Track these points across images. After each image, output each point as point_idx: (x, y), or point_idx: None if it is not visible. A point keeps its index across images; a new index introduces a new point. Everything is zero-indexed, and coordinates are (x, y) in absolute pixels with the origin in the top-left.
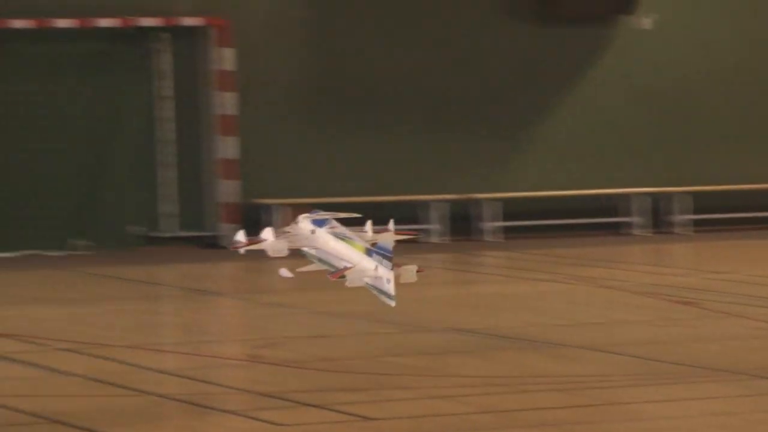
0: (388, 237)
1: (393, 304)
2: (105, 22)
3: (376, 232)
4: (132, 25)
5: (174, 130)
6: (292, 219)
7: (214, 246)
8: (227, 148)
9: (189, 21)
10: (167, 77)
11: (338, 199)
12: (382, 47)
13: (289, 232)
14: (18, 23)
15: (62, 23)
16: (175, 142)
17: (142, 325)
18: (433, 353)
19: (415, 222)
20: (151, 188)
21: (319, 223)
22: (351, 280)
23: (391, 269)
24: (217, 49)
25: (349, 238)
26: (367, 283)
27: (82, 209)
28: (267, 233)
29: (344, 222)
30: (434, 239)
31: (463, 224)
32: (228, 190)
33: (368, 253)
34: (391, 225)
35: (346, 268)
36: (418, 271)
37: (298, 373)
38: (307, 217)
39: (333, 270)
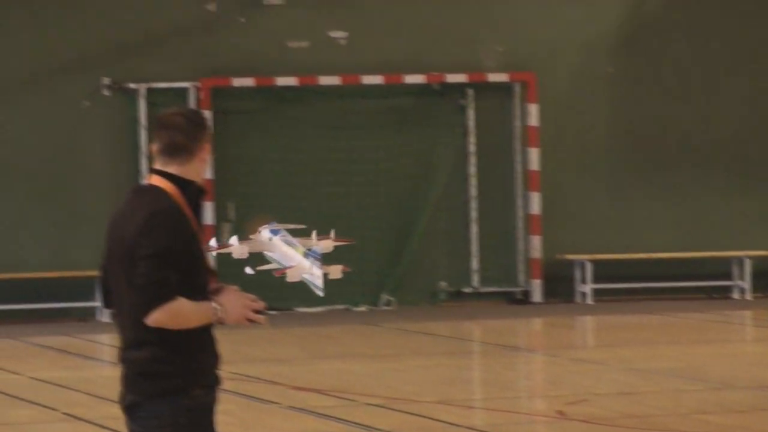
0: (326, 244)
1: (322, 294)
2: (413, 79)
3: (319, 239)
4: (439, 81)
5: (477, 186)
6: (255, 230)
7: (521, 301)
8: (531, 204)
9: (495, 77)
10: (472, 133)
11: (641, 255)
12: (689, 103)
13: (252, 239)
14: (325, 80)
15: (370, 80)
16: (478, 198)
17: (450, 381)
18: (742, 411)
19: (721, 278)
20: (458, 244)
21: (275, 232)
22: (291, 276)
23: (320, 268)
24: (522, 104)
25: (294, 245)
26: (303, 278)
27: (391, 265)
28: (234, 240)
29: (296, 232)
30: (737, 295)
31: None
32: (532, 246)
33: (306, 255)
34: (332, 234)
35: (288, 267)
36: (343, 270)
37: (608, 431)
38: (266, 227)
39: (281, 268)
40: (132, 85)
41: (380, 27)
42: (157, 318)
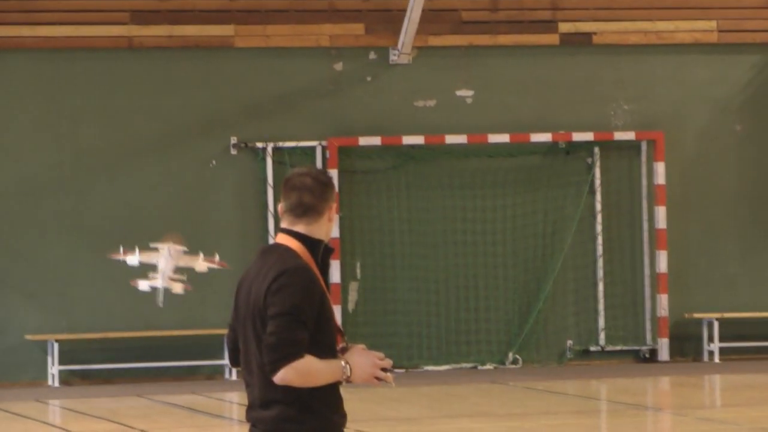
0: (195, 262)
1: (160, 305)
2: (539, 137)
3: (205, 260)
4: (566, 140)
5: (604, 245)
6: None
7: (648, 360)
8: (659, 262)
9: (622, 135)
10: (599, 191)
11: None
12: None
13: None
14: (451, 139)
15: (496, 138)
16: (605, 257)
17: None
18: None
19: None
20: (586, 302)
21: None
22: (141, 285)
23: (166, 281)
24: (650, 163)
25: (171, 259)
26: (150, 286)
27: (519, 323)
28: (134, 254)
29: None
30: None
31: None
32: (660, 305)
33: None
34: (216, 257)
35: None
36: (184, 288)
37: None
38: (163, 245)
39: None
40: (259, 145)
41: (506, 85)
42: (285, 376)
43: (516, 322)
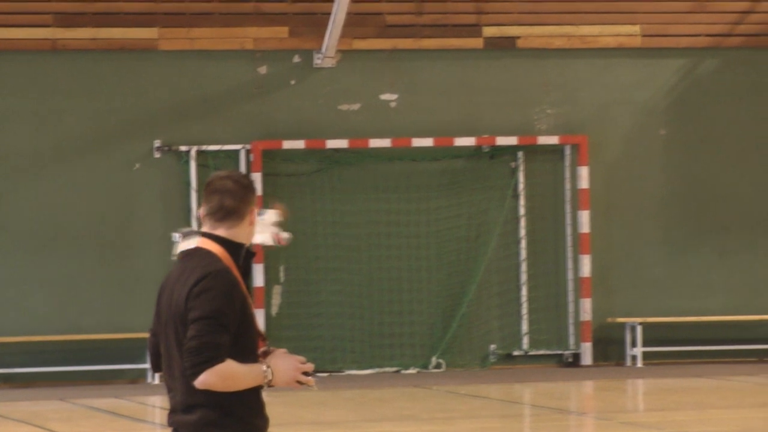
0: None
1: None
2: (463, 141)
3: None
4: (490, 144)
5: (527, 249)
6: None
7: (572, 364)
8: (582, 266)
9: (547, 139)
10: (522, 195)
11: (692, 318)
12: (742, 166)
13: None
14: (375, 142)
15: (420, 142)
16: (528, 261)
17: None
18: None
19: None
20: (509, 306)
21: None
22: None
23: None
24: (573, 167)
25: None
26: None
27: (442, 327)
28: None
29: None
30: None
31: None
32: (583, 309)
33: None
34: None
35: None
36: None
37: None
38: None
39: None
40: (183, 148)
41: (431, 89)
42: (206, 380)
43: (440, 326)
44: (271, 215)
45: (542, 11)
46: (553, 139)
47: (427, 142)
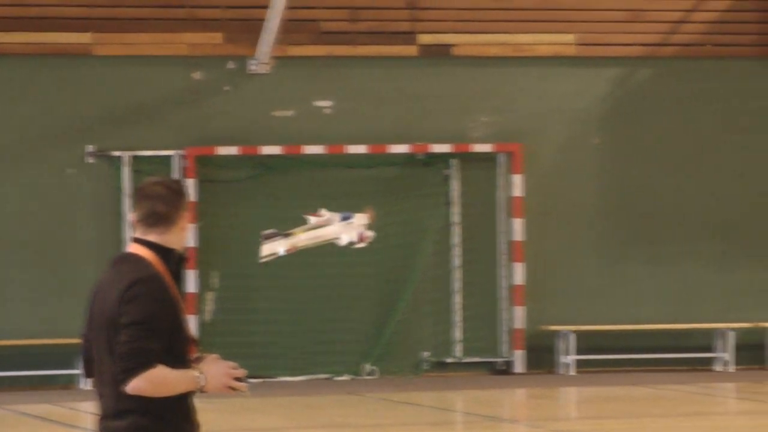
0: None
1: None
2: (397, 149)
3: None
4: (424, 151)
5: (461, 256)
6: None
7: (504, 372)
8: (515, 274)
9: (482, 147)
10: (459, 203)
11: (624, 327)
12: (677, 175)
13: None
14: (310, 149)
15: (355, 149)
16: (464, 268)
17: None
18: None
19: (702, 350)
20: (440, 314)
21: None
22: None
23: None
24: (508, 175)
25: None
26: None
27: (375, 334)
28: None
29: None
30: (721, 368)
31: (753, 353)
32: (516, 316)
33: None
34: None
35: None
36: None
37: None
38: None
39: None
40: (116, 153)
41: (365, 96)
42: (137, 386)
43: (373, 333)
44: (361, 218)
45: (477, 19)
46: (487, 147)
47: (362, 149)
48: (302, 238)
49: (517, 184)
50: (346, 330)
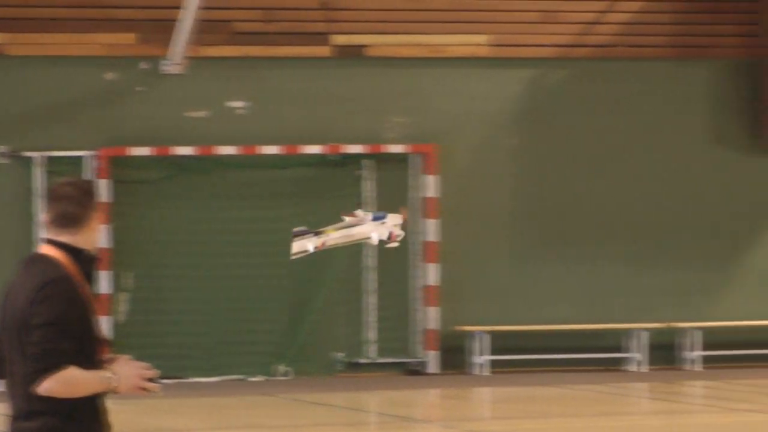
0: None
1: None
2: (311, 149)
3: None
4: (337, 152)
5: (378, 257)
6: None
7: (417, 372)
8: (429, 274)
9: (397, 148)
10: (373, 203)
11: (538, 327)
12: (590, 176)
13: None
14: (223, 150)
15: (268, 150)
16: (378, 269)
17: None
18: None
19: (616, 350)
20: (354, 315)
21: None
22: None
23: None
24: (422, 175)
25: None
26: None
27: (289, 335)
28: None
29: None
30: (634, 368)
31: (663, 353)
32: (429, 317)
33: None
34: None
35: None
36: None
37: None
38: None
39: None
40: (29, 154)
41: (279, 97)
42: (48, 387)
43: (287, 333)
44: (394, 218)
45: (391, 20)
46: (401, 148)
47: (275, 150)
48: (333, 236)
49: (431, 185)
50: (259, 331)
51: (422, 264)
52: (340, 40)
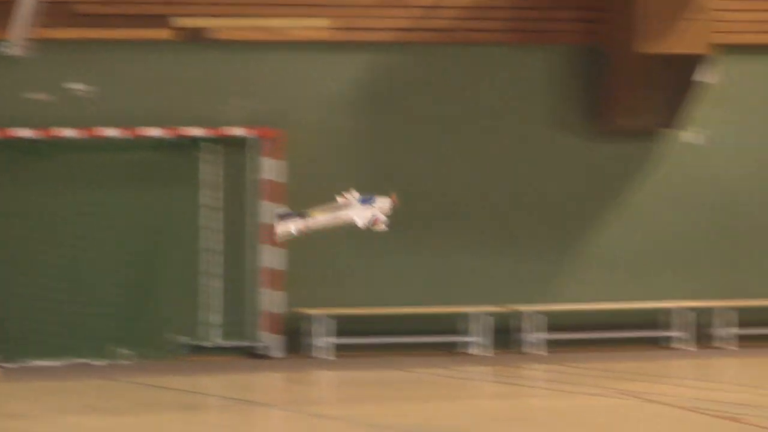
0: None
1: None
2: (152, 132)
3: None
4: (181, 135)
5: (221, 240)
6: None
7: (258, 356)
8: (272, 258)
9: (238, 131)
10: (216, 187)
11: (382, 310)
12: (428, 160)
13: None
14: (64, 133)
15: (109, 133)
16: (221, 252)
17: None
18: None
19: (458, 334)
20: (195, 298)
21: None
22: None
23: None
24: (265, 159)
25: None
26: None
27: (127, 318)
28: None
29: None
30: (477, 351)
31: (506, 337)
32: (272, 300)
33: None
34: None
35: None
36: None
37: None
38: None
39: None
40: None
41: (120, 80)
42: None
43: (128, 318)
44: (383, 202)
45: (232, 3)
46: (242, 131)
47: (116, 132)
48: (319, 219)
49: (272, 168)
50: (102, 315)
51: (265, 247)
52: (181, 23)
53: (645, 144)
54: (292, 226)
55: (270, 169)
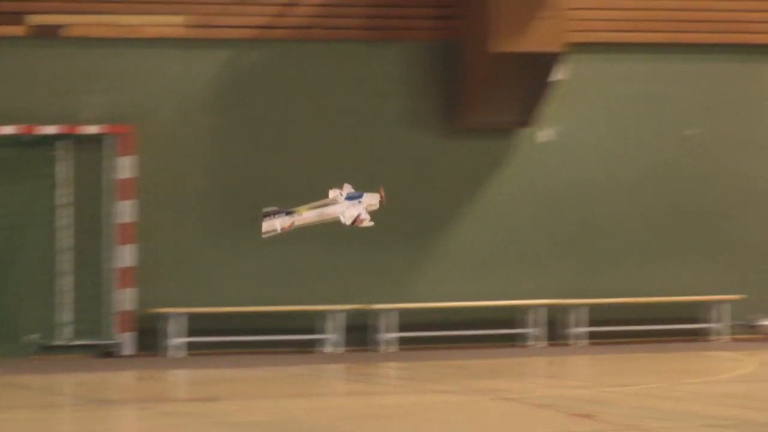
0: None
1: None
2: (5, 130)
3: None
4: (34, 132)
5: (73, 238)
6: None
7: (111, 354)
8: (125, 256)
9: (91, 129)
10: (69, 185)
11: (235, 309)
12: (283, 157)
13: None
14: None
15: None
16: (74, 250)
17: None
18: None
19: (312, 332)
20: (48, 296)
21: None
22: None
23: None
24: (118, 157)
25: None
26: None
27: None
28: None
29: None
30: (330, 349)
31: (362, 335)
32: (125, 299)
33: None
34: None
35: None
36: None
37: None
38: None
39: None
40: None
41: None
42: None
43: None
44: (370, 198)
45: (87, 0)
46: (96, 129)
47: None
48: (306, 215)
49: (127, 166)
50: None
51: (117, 245)
52: (36, 20)
53: (501, 141)
54: (277, 223)
55: (124, 167)
